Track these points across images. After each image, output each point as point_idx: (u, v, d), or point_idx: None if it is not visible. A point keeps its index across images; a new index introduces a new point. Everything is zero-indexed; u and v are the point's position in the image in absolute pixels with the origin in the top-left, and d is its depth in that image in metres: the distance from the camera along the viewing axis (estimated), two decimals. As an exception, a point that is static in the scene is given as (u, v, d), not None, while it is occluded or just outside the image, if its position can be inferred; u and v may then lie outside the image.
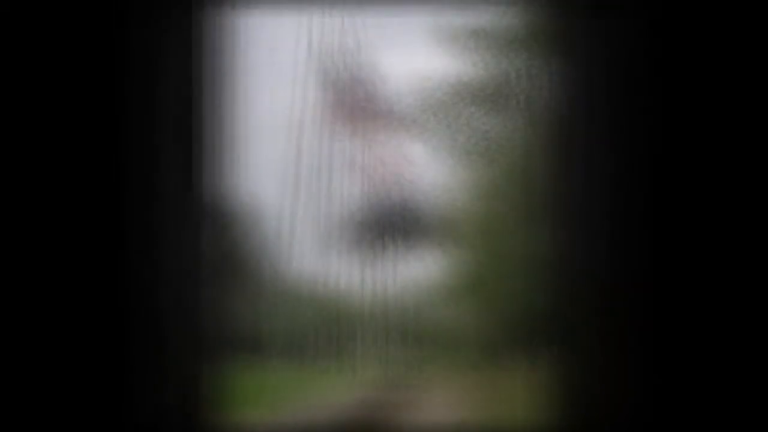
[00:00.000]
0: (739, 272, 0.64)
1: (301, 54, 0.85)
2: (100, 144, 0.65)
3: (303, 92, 0.88)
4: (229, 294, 0.78)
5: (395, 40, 0.85)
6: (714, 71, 0.65)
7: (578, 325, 0.73)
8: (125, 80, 0.65)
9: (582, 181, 0.74)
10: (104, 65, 0.64)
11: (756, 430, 0.62)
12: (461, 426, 0.86)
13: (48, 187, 0.63)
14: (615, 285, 0.70)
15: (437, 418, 0.97)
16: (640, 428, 0.67)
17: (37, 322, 0.63)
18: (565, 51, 0.79)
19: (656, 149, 0.66)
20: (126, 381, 0.64)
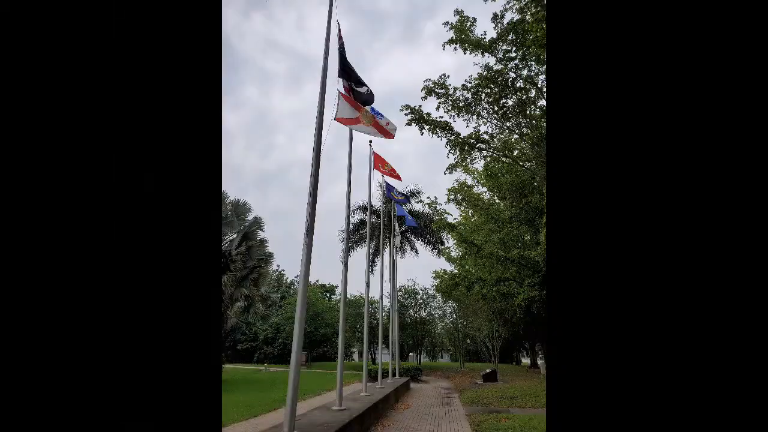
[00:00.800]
0: (738, 274, 0.65)
1: (301, 49, 0.81)
2: (95, 143, 0.61)
3: (305, 89, 0.85)
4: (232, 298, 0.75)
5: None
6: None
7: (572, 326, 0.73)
8: (122, 79, 0.61)
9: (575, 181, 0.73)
10: (102, 62, 0.59)
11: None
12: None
13: (45, 186, 0.58)
14: (607, 285, 0.69)
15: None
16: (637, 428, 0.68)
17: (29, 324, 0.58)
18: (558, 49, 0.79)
19: (654, 147, 0.65)
20: (120, 384, 0.61)
